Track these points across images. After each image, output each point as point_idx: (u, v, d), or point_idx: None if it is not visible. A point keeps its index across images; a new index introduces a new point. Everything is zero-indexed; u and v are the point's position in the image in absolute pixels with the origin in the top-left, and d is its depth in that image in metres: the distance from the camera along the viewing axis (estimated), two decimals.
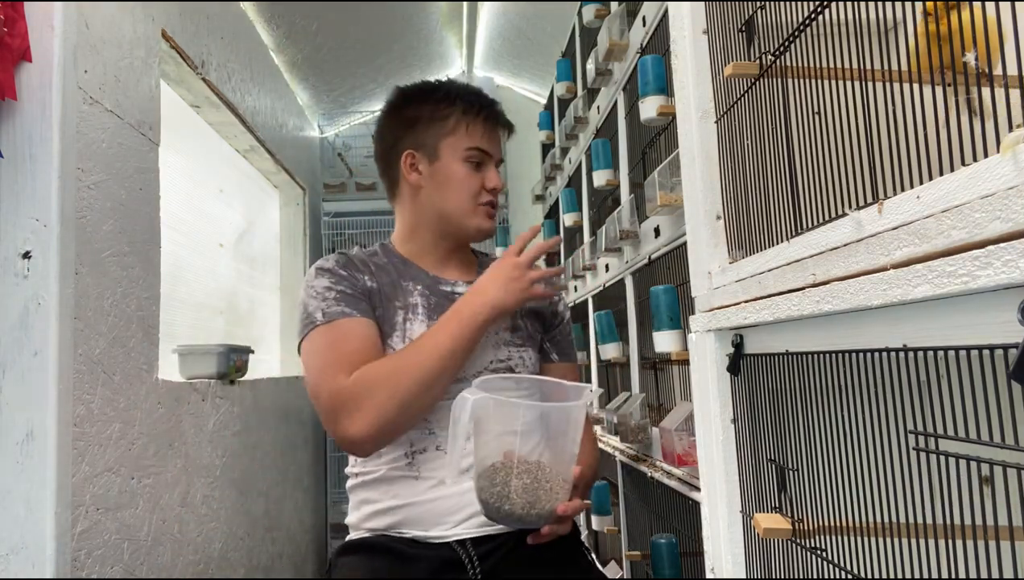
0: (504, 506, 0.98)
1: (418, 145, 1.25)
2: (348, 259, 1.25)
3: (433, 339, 1.11)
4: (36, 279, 1.24)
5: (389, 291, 1.22)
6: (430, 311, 1.21)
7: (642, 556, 1.88)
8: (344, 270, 1.22)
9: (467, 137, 1.25)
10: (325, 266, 1.23)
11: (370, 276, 1.23)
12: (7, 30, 1.18)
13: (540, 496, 0.99)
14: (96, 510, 1.41)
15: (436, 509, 1.13)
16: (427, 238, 1.28)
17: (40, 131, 1.26)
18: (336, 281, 1.20)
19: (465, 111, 1.25)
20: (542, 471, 0.99)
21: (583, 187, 2.73)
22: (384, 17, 3.42)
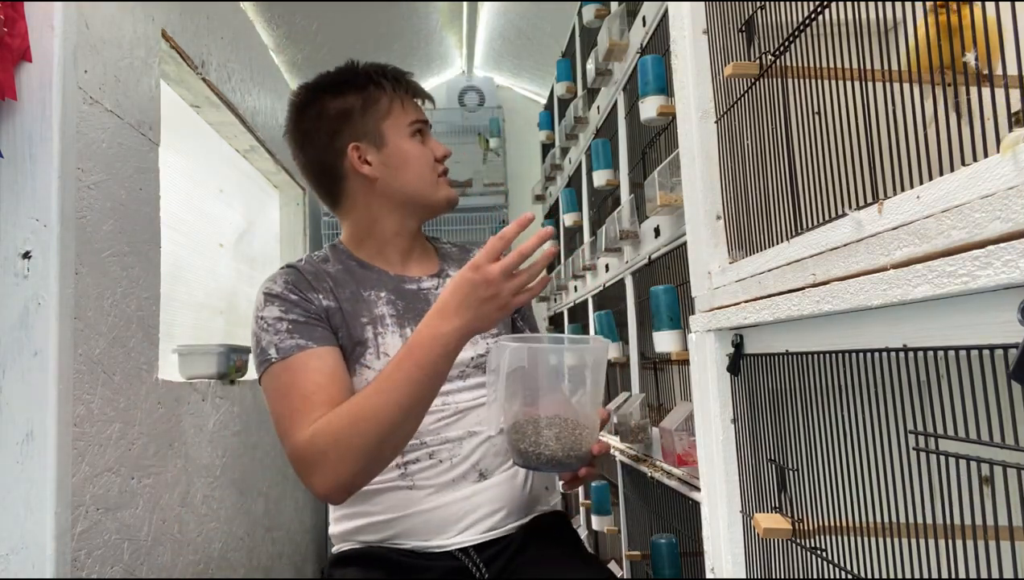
0: (542, 451, 0.96)
1: (360, 136, 1.19)
2: (298, 275, 1.15)
3: (392, 380, 0.97)
4: (36, 279, 1.24)
5: (351, 307, 1.14)
6: (400, 318, 1.15)
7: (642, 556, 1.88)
8: (295, 293, 1.12)
9: (404, 113, 1.21)
10: (273, 291, 1.12)
11: (325, 293, 1.14)
12: (7, 30, 1.18)
13: (573, 441, 0.98)
14: (96, 510, 1.41)
15: (436, 519, 1.10)
16: (387, 232, 1.20)
17: (40, 131, 1.25)
18: (287, 308, 1.10)
19: (395, 88, 1.22)
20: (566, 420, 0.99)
21: (583, 187, 2.73)
22: (384, 17, 3.42)
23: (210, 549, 2.01)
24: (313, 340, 1.08)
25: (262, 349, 1.08)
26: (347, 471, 0.98)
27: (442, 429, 1.13)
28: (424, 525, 1.10)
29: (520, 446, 0.97)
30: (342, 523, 1.16)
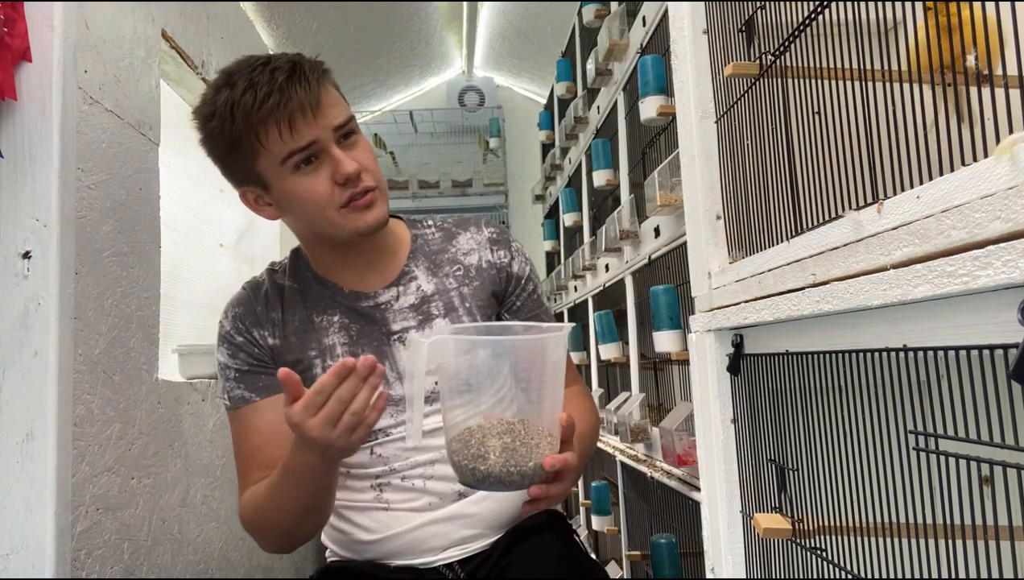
0: (480, 467, 0.83)
1: (243, 180, 1.01)
2: (248, 306, 1.08)
3: (280, 490, 0.95)
4: (36, 279, 1.24)
5: (298, 339, 1.07)
6: (352, 346, 1.06)
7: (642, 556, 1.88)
8: (241, 333, 1.07)
9: (272, 149, 0.95)
10: (223, 330, 1.09)
11: (271, 328, 1.07)
12: (7, 30, 1.18)
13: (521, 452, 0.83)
14: (96, 510, 1.41)
15: (416, 540, 1.05)
16: (328, 254, 1.08)
17: (40, 131, 1.25)
18: (232, 353, 1.07)
19: (247, 121, 0.94)
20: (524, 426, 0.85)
21: (583, 187, 2.73)
22: (384, 17, 3.42)
23: (210, 549, 2.01)
24: (256, 391, 1.06)
25: (221, 389, 1.09)
26: (273, 546, 1.04)
27: (410, 453, 1.05)
28: (406, 547, 1.05)
29: (456, 459, 0.85)
30: (329, 535, 1.13)
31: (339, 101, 1.00)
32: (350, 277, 1.08)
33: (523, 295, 1.15)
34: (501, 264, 1.13)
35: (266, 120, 0.93)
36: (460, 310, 1.09)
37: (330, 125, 0.96)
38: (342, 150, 0.97)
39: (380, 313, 1.08)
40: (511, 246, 1.15)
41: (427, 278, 1.10)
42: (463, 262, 1.13)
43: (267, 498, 0.98)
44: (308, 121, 0.94)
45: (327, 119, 0.96)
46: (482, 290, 1.11)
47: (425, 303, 1.09)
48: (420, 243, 1.14)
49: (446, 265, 1.12)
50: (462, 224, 1.17)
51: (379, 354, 1.05)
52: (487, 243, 1.14)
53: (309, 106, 0.94)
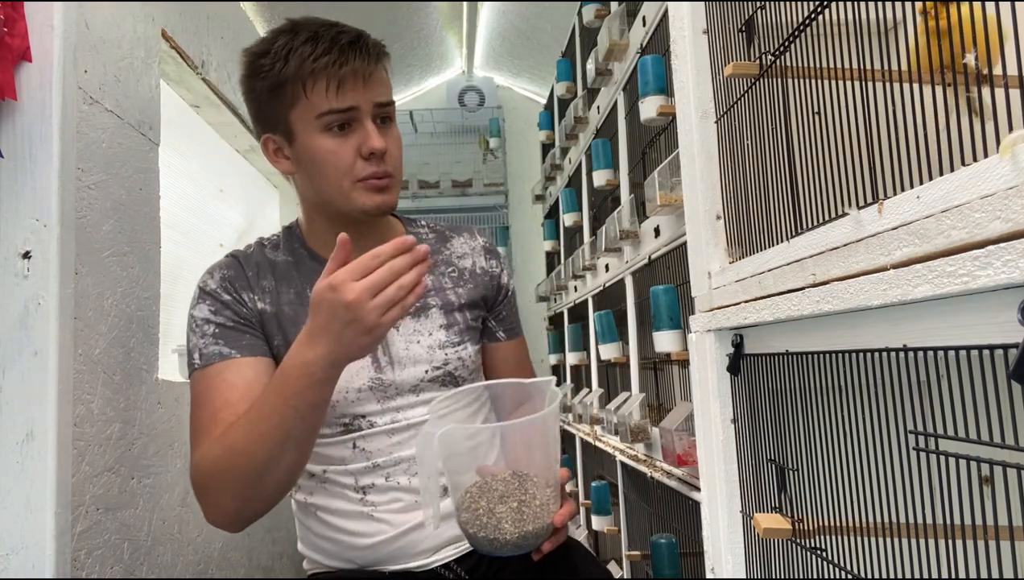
0: (497, 536, 0.86)
1: (271, 126, 1.02)
2: (238, 269, 1.06)
3: (260, 411, 0.88)
4: (36, 279, 1.24)
5: (292, 311, 1.03)
6: None
7: (642, 556, 1.88)
8: (229, 292, 1.03)
9: (314, 101, 0.96)
10: (207, 287, 1.04)
11: (262, 294, 1.04)
12: (7, 30, 1.18)
13: (530, 515, 0.87)
14: (96, 510, 1.41)
15: (408, 544, 1.03)
16: (324, 227, 1.07)
17: (40, 131, 1.25)
18: (216, 309, 1.02)
19: (300, 68, 0.95)
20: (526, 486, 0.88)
21: (583, 187, 2.73)
22: (384, 17, 3.42)
23: (210, 549, 2.01)
24: (237, 349, 1.00)
25: (188, 351, 1.03)
26: (229, 505, 0.92)
27: (394, 448, 1.04)
28: (398, 552, 1.03)
29: (471, 531, 0.87)
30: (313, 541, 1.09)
31: (388, 83, 1.03)
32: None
33: (508, 306, 1.20)
34: (494, 273, 1.18)
35: (318, 73, 0.95)
36: (454, 305, 1.11)
37: (373, 99, 0.99)
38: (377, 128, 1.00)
39: None
40: (500, 258, 1.21)
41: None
42: (457, 265, 1.16)
43: (237, 429, 0.90)
44: (356, 87, 0.97)
45: (372, 93, 0.99)
46: (475, 293, 1.14)
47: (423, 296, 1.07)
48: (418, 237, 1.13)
49: (441, 265, 1.14)
50: (455, 229, 1.21)
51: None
52: (481, 250, 1.19)
53: (361, 74, 0.97)
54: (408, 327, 1.07)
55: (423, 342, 1.07)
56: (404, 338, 1.07)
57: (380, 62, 1.01)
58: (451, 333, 1.09)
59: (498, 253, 1.21)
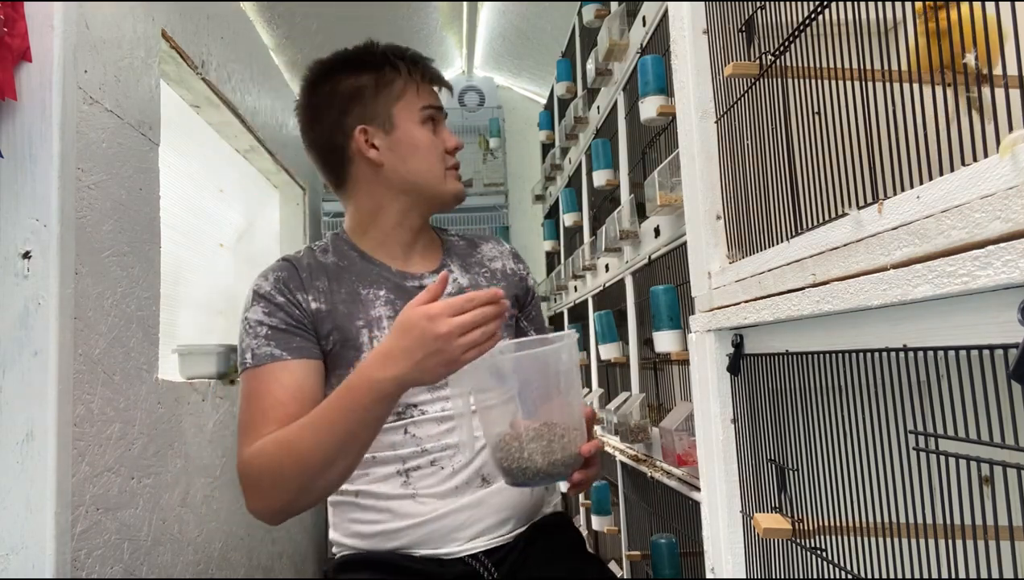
0: (528, 466, 0.92)
1: (369, 118, 1.14)
2: (292, 271, 1.12)
3: (323, 419, 0.94)
4: (36, 279, 1.24)
5: (346, 308, 1.10)
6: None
7: (642, 556, 1.88)
8: (283, 294, 1.09)
9: (418, 97, 1.16)
10: (261, 290, 1.10)
11: (317, 294, 1.10)
12: (7, 30, 1.18)
13: (558, 449, 0.93)
14: (96, 510, 1.41)
15: (443, 528, 1.07)
16: (391, 221, 1.16)
17: (40, 131, 1.25)
18: (270, 311, 1.08)
19: (410, 71, 1.16)
20: (551, 428, 0.94)
21: (583, 187, 2.73)
22: (384, 17, 3.42)
23: (210, 549, 2.01)
24: (288, 351, 1.05)
25: (241, 351, 1.08)
26: (278, 501, 0.97)
27: (443, 435, 1.09)
28: (432, 535, 1.07)
29: (505, 464, 0.93)
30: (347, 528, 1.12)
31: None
32: (395, 258, 1.17)
33: (535, 306, 1.29)
34: (522, 274, 1.28)
35: (425, 76, 1.17)
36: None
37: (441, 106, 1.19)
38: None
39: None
40: (525, 262, 1.31)
41: (461, 274, 1.21)
42: (489, 266, 1.25)
43: (299, 431, 0.95)
44: (438, 91, 1.19)
45: (440, 100, 1.20)
46: (508, 291, 1.21)
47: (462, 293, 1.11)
48: (450, 245, 1.25)
49: (475, 266, 1.24)
50: (481, 237, 1.32)
51: None
52: (509, 255, 1.29)
53: (443, 81, 1.20)
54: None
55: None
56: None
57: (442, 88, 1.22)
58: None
59: (522, 258, 1.31)
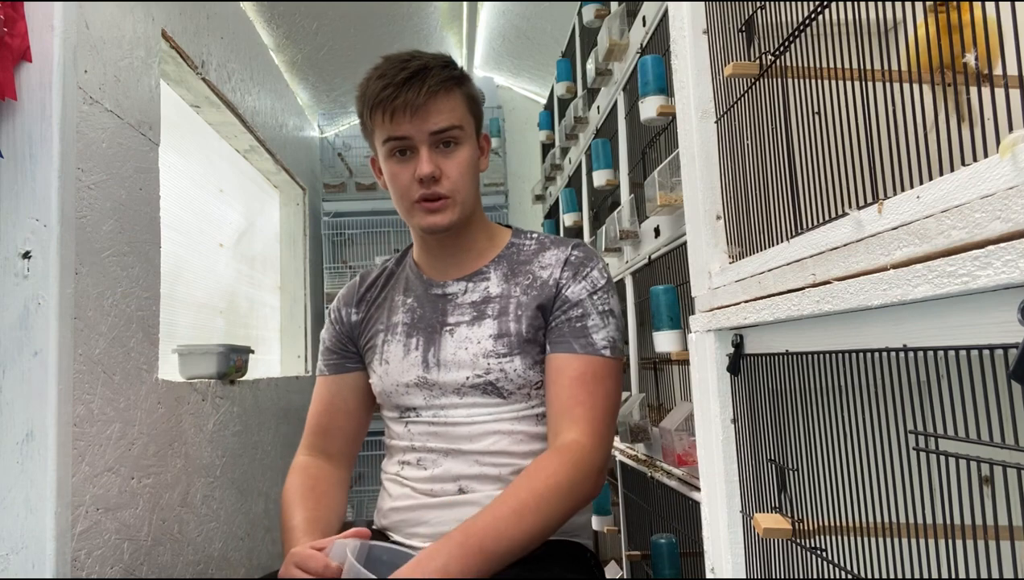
0: None
1: (372, 147, 1.18)
2: (354, 287, 1.27)
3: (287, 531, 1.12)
4: (36, 279, 1.24)
5: (376, 313, 1.23)
6: (411, 328, 1.17)
7: (642, 556, 1.88)
8: (337, 311, 1.26)
9: (381, 128, 1.11)
10: (332, 306, 1.28)
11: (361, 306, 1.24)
12: (7, 30, 1.18)
13: None
14: (96, 510, 1.41)
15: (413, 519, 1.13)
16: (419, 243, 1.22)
17: (40, 131, 1.25)
18: (327, 329, 1.27)
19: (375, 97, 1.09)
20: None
21: (583, 187, 2.73)
22: (384, 17, 3.42)
23: (210, 549, 2.01)
24: (328, 367, 1.25)
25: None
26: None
27: (430, 438, 1.15)
28: (403, 523, 1.14)
29: None
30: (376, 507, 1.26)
31: (451, 109, 1.10)
32: (433, 266, 1.20)
33: (562, 317, 1.11)
34: (560, 282, 1.13)
35: (376, 107, 1.09)
36: (510, 315, 1.12)
37: (426, 128, 1.08)
38: (434, 154, 1.10)
39: (443, 303, 1.17)
40: (581, 271, 1.13)
41: (499, 281, 1.16)
42: (536, 274, 1.15)
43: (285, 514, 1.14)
44: (406, 119, 1.08)
45: (426, 122, 1.08)
46: (535, 301, 1.12)
47: (486, 303, 1.15)
48: (511, 251, 1.19)
49: (522, 274, 1.16)
50: (558, 242, 1.20)
51: (428, 339, 1.15)
52: (562, 262, 1.15)
53: (409, 107, 1.07)
54: (461, 333, 1.14)
55: (470, 349, 1.12)
56: (455, 343, 1.13)
57: (439, 91, 1.09)
58: (499, 343, 1.11)
59: (581, 264, 1.14)
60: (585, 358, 1.08)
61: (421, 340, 1.16)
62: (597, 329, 1.10)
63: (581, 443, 1.03)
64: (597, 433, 1.05)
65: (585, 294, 1.11)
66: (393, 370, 1.17)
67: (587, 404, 1.05)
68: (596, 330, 1.10)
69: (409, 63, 1.09)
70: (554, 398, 1.08)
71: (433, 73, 1.08)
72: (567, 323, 1.10)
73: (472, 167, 1.13)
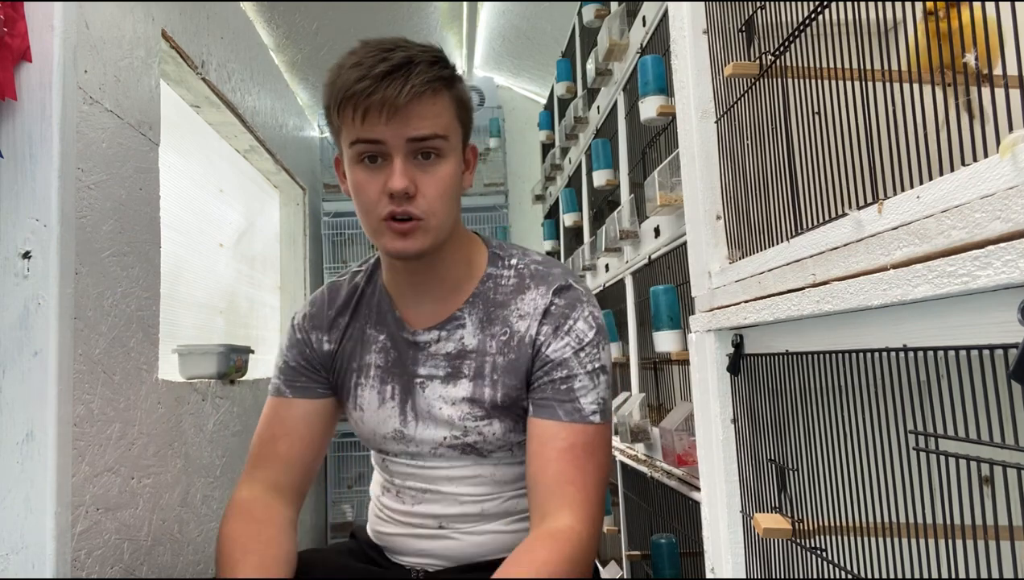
0: None
1: (337, 144, 0.99)
2: (321, 307, 1.10)
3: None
4: (36, 279, 1.24)
5: (351, 347, 1.07)
6: (385, 373, 1.04)
7: (642, 556, 1.88)
8: (303, 330, 1.09)
9: (349, 127, 0.92)
10: (295, 320, 1.11)
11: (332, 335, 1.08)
12: (7, 30, 1.18)
13: None
14: (96, 510, 1.41)
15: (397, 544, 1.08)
16: (388, 264, 1.05)
17: (40, 131, 1.25)
18: (288, 345, 1.10)
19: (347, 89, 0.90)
20: None
21: (583, 187, 2.73)
22: (384, 17, 3.42)
23: (210, 549, 2.01)
24: (292, 390, 1.08)
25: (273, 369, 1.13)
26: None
27: (408, 478, 1.07)
28: (392, 547, 1.10)
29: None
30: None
31: (436, 114, 0.92)
32: (404, 300, 1.04)
33: (544, 378, 0.97)
34: (538, 340, 0.98)
35: (346, 101, 0.90)
36: (486, 379, 1.00)
37: (404, 133, 0.90)
38: (410, 165, 0.92)
39: (414, 351, 1.03)
40: (563, 325, 0.98)
41: (474, 331, 1.01)
42: (512, 326, 1.00)
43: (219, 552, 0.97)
44: (381, 120, 0.89)
45: (404, 127, 0.90)
46: (516, 364, 0.99)
47: (461, 358, 1.01)
48: (488, 286, 1.03)
49: (498, 323, 1.01)
50: (540, 278, 1.02)
51: (404, 389, 1.04)
52: (541, 314, 0.99)
53: (387, 106, 0.88)
54: (435, 389, 1.02)
55: (445, 409, 1.01)
56: (430, 398, 1.02)
57: (425, 92, 0.90)
58: (475, 407, 1.00)
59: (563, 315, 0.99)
60: (572, 427, 0.94)
61: (397, 389, 1.04)
62: (585, 391, 0.96)
63: (577, 531, 0.90)
64: (592, 519, 0.92)
65: (570, 352, 0.97)
66: (369, 419, 1.06)
67: (578, 483, 0.92)
68: (584, 393, 0.96)
69: (392, 53, 0.90)
70: (539, 472, 0.94)
71: (419, 70, 0.90)
72: (551, 386, 0.96)
73: (453, 185, 0.95)
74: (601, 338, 0.99)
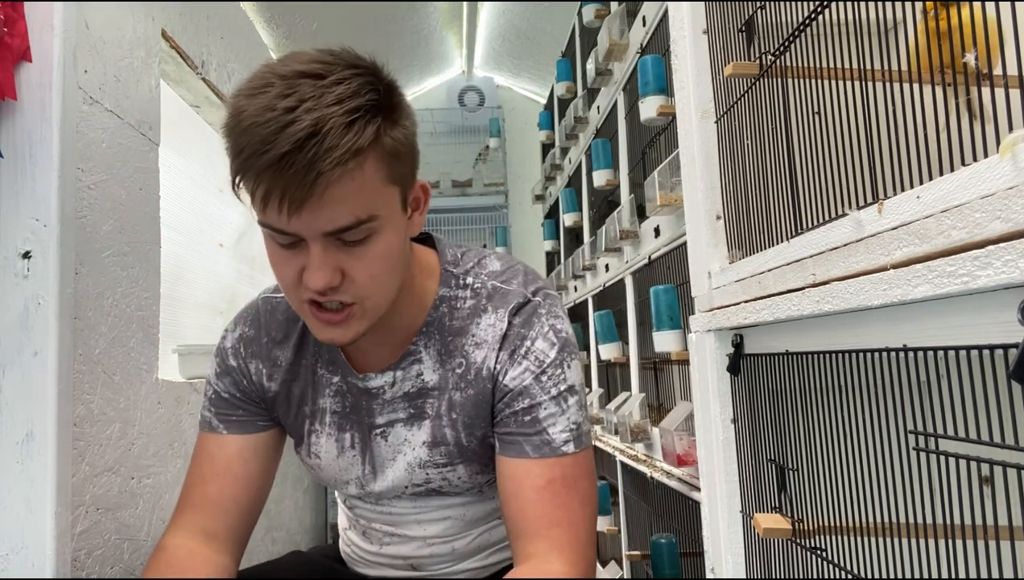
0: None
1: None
2: (257, 331, 0.95)
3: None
4: (36, 279, 1.24)
5: (302, 390, 0.94)
6: (342, 420, 0.94)
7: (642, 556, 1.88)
8: (237, 357, 0.95)
9: (253, 203, 0.73)
10: (224, 343, 0.97)
11: (272, 370, 0.94)
12: (7, 30, 1.18)
13: None
14: (96, 510, 1.41)
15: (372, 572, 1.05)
16: None
17: (40, 131, 1.25)
18: (220, 374, 0.95)
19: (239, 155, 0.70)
20: None
21: (583, 187, 2.73)
22: (384, 17, 3.42)
23: None
24: (227, 425, 0.94)
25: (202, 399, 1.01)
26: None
27: (373, 521, 1.00)
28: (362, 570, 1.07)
29: None
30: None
31: (356, 194, 0.71)
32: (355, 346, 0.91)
33: (507, 411, 0.86)
34: (495, 371, 0.87)
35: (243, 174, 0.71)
36: (444, 420, 0.89)
37: (318, 228, 0.71)
38: (333, 252, 0.74)
39: (367, 399, 0.91)
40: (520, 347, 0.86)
41: (433, 365, 0.89)
42: (470, 357, 0.88)
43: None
44: (284, 213, 0.70)
45: (316, 220, 0.71)
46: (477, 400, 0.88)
47: (422, 396, 0.90)
48: (442, 313, 0.89)
49: (456, 355, 0.89)
50: (498, 298, 0.89)
51: (364, 438, 0.93)
52: (499, 340, 0.87)
53: (290, 202, 0.69)
54: (399, 435, 0.92)
55: (405, 458, 0.91)
56: (391, 447, 0.92)
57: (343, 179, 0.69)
58: (435, 453, 0.90)
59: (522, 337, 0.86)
60: (545, 462, 0.83)
61: (356, 437, 0.94)
62: (553, 419, 0.83)
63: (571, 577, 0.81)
64: (585, 559, 0.82)
65: (530, 378, 0.85)
66: (327, 467, 0.96)
67: (565, 523, 0.81)
68: (552, 421, 0.83)
69: (294, 117, 0.67)
70: (517, 515, 0.82)
71: (330, 142, 0.68)
72: (513, 419, 0.85)
73: (392, 259, 0.78)
74: (565, 354, 0.86)
